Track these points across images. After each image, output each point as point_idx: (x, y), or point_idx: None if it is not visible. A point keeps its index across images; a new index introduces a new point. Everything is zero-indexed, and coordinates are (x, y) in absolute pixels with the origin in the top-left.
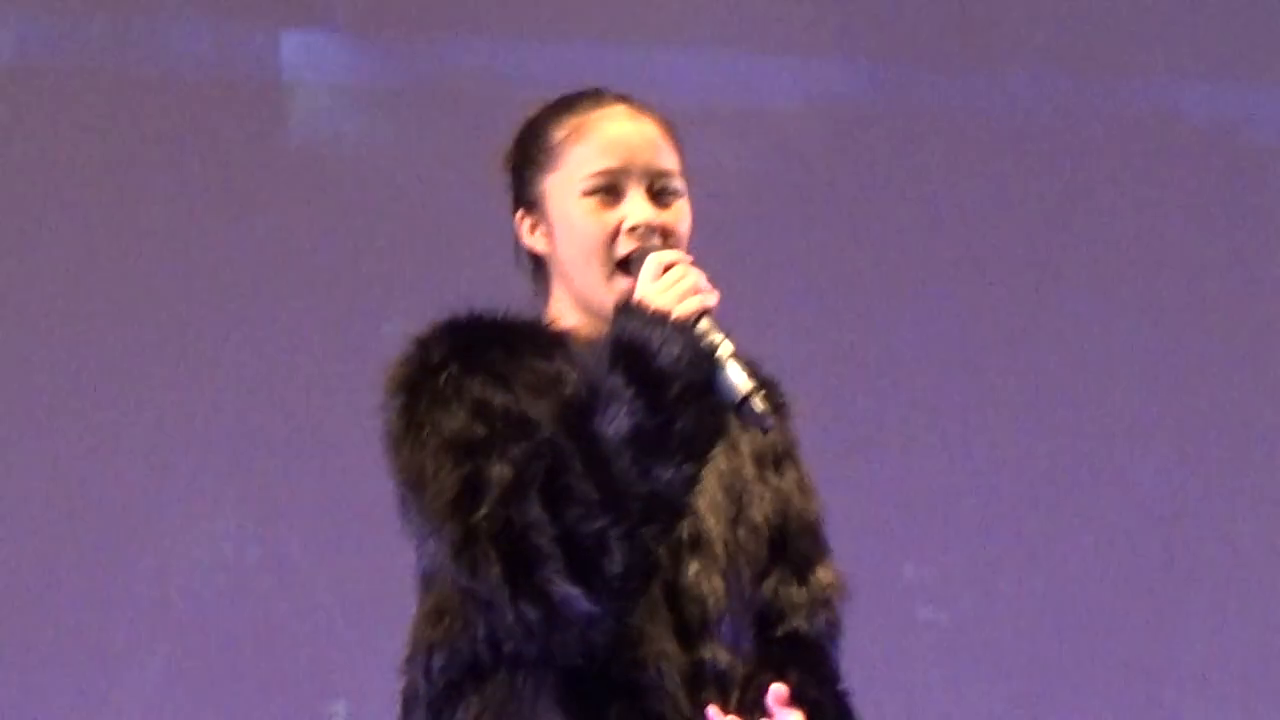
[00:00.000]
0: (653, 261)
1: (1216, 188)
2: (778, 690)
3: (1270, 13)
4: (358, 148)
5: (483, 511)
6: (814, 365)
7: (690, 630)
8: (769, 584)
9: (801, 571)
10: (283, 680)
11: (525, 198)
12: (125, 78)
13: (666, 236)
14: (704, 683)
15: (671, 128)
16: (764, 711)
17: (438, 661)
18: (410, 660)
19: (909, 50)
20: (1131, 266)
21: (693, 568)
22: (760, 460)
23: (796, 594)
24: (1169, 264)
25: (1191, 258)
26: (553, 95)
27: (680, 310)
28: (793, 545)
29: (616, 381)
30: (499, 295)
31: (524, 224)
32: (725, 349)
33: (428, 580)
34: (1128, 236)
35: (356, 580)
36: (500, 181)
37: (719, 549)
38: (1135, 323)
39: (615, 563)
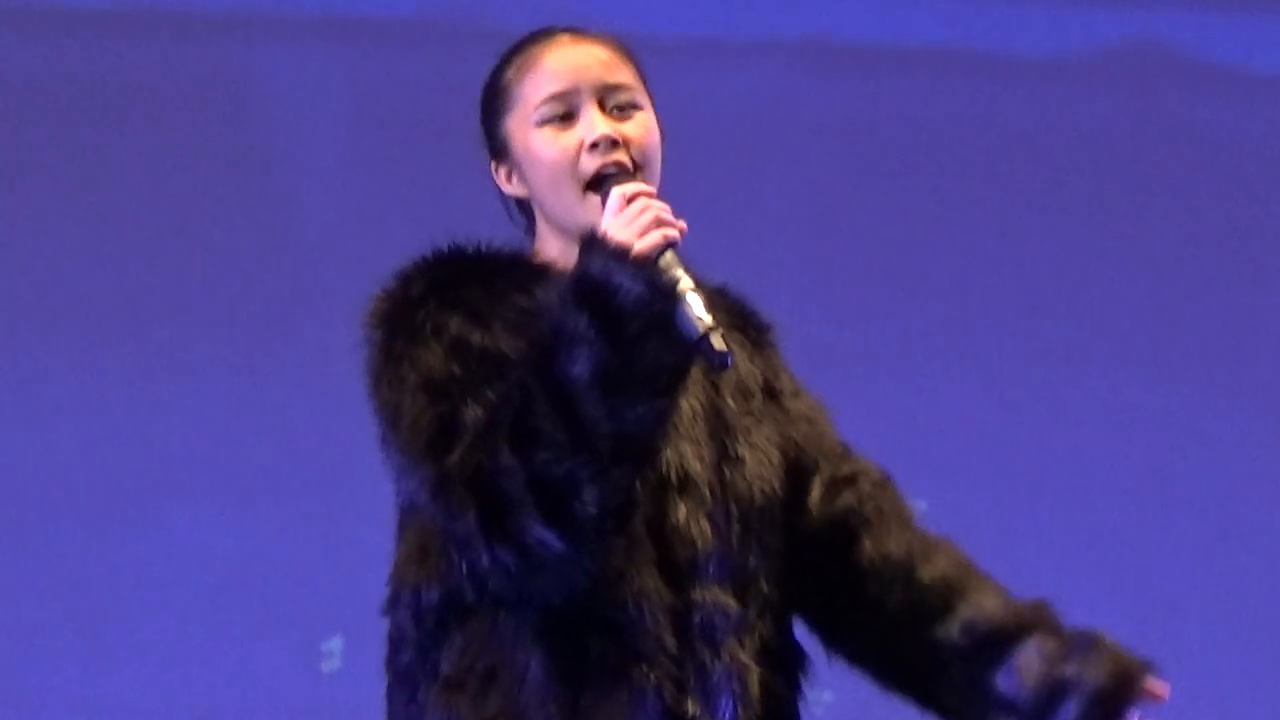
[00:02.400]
0: (616, 194)
1: None
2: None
3: None
4: None
5: (457, 456)
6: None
7: (680, 571)
8: (813, 499)
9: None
10: (278, 618)
11: (494, 147)
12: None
13: (628, 146)
14: (695, 623)
15: (624, 48)
16: (782, 660)
17: (424, 600)
18: (394, 600)
19: None
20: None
21: (681, 509)
22: (745, 394)
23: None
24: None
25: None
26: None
27: (641, 245)
28: (809, 462)
29: (579, 321)
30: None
31: (500, 174)
32: (686, 284)
33: (407, 515)
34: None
35: (350, 516)
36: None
37: (705, 490)
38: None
39: (587, 504)
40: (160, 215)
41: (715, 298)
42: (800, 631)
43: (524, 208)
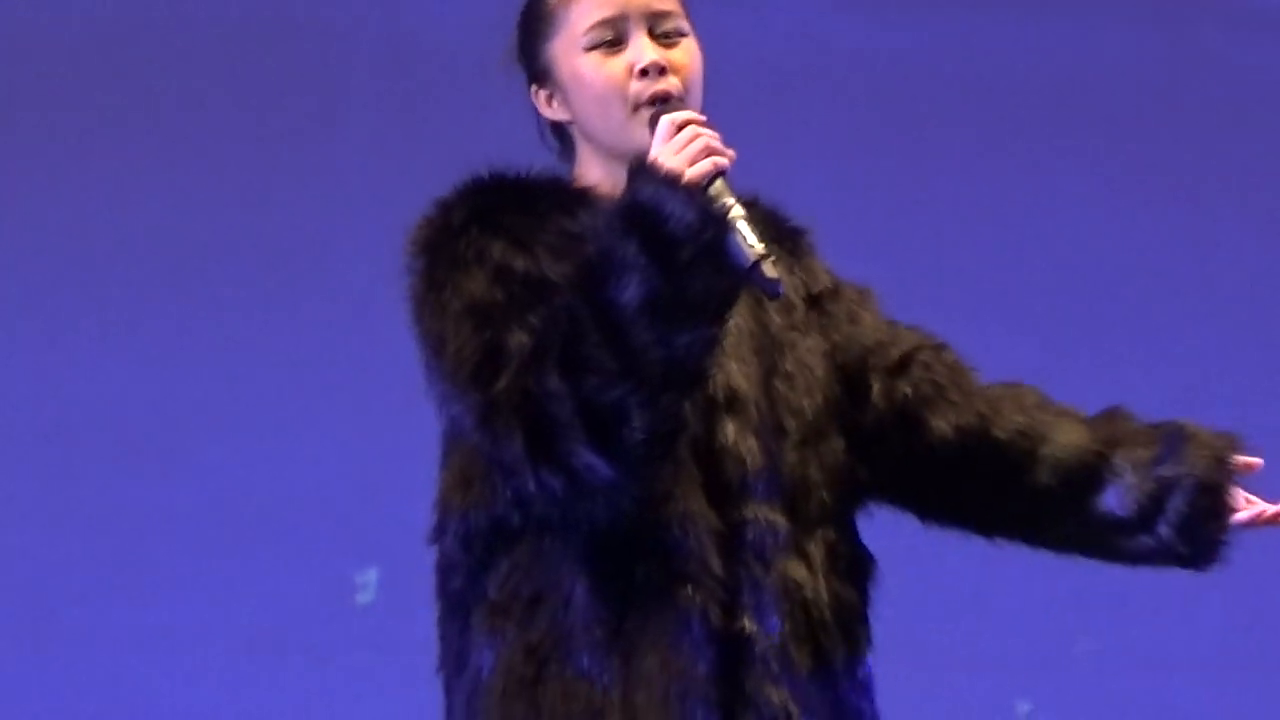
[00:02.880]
0: (665, 122)
1: None
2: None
3: None
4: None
5: (503, 382)
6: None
7: (729, 490)
8: (875, 396)
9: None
10: (313, 551)
11: (535, 71)
12: None
13: (676, 73)
14: (743, 542)
15: None
16: (844, 568)
17: (471, 527)
18: (441, 527)
19: None
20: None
21: (730, 428)
22: (788, 308)
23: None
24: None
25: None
26: None
27: (693, 172)
28: (857, 362)
29: (629, 248)
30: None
31: (539, 97)
32: (737, 212)
33: (451, 443)
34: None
35: (383, 450)
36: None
37: (753, 409)
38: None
39: (636, 430)
40: (193, 153)
41: (750, 210)
42: (868, 536)
43: (561, 133)
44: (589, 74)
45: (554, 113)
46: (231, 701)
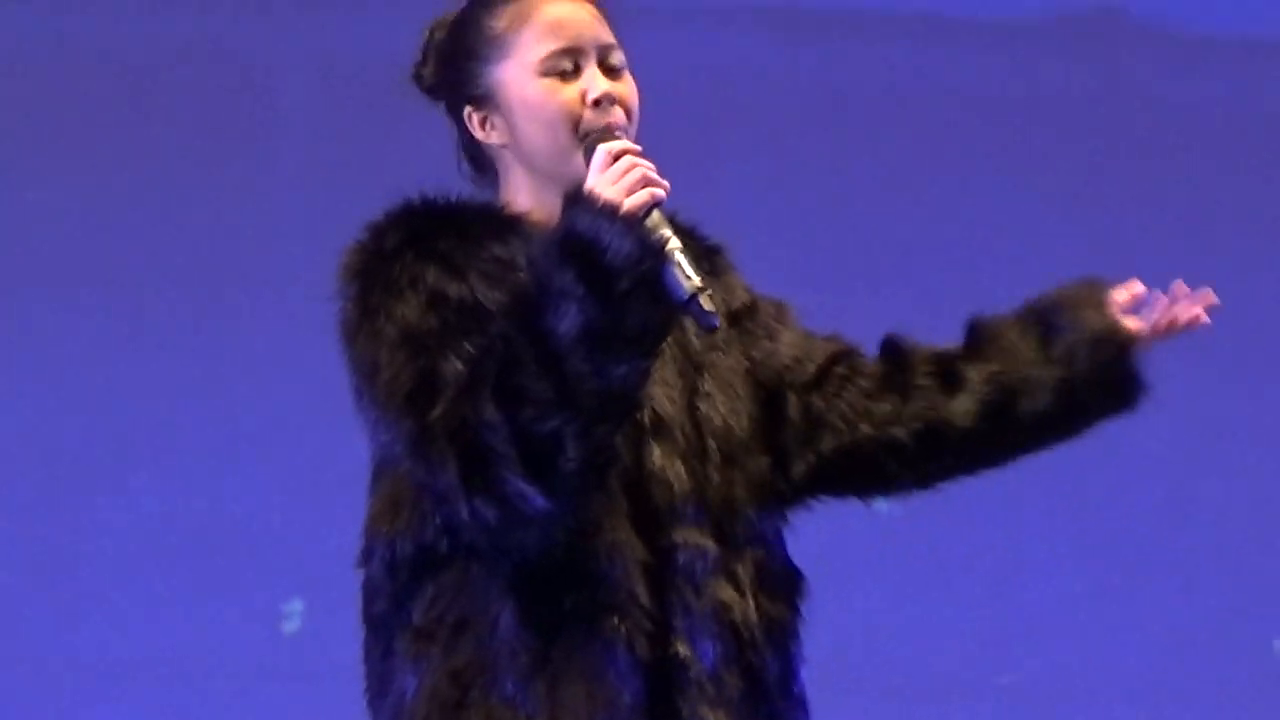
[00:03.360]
0: (602, 151)
1: None
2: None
3: None
4: None
5: (438, 410)
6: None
7: (657, 516)
8: (791, 414)
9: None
10: (240, 580)
11: (470, 94)
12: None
13: (623, 105)
14: (674, 568)
15: (605, 7)
16: (772, 587)
17: (397, 553)
18: (368, 552)
19: None
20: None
21: (656, 453)
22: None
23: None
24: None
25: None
26: None
27: (630, 203)
28: (774, 379)
29: (566, 277)
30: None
31: (474, 120)
32: (674, 244)
33: (381, 468)
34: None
35: (309, 481)
36: (413, 95)
37: (678, 432)
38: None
39: (570, 460)
40: (122, 180)
41: (670, 226)
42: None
43: (483, 158)
44: (541, 99)
45: (487, 136)
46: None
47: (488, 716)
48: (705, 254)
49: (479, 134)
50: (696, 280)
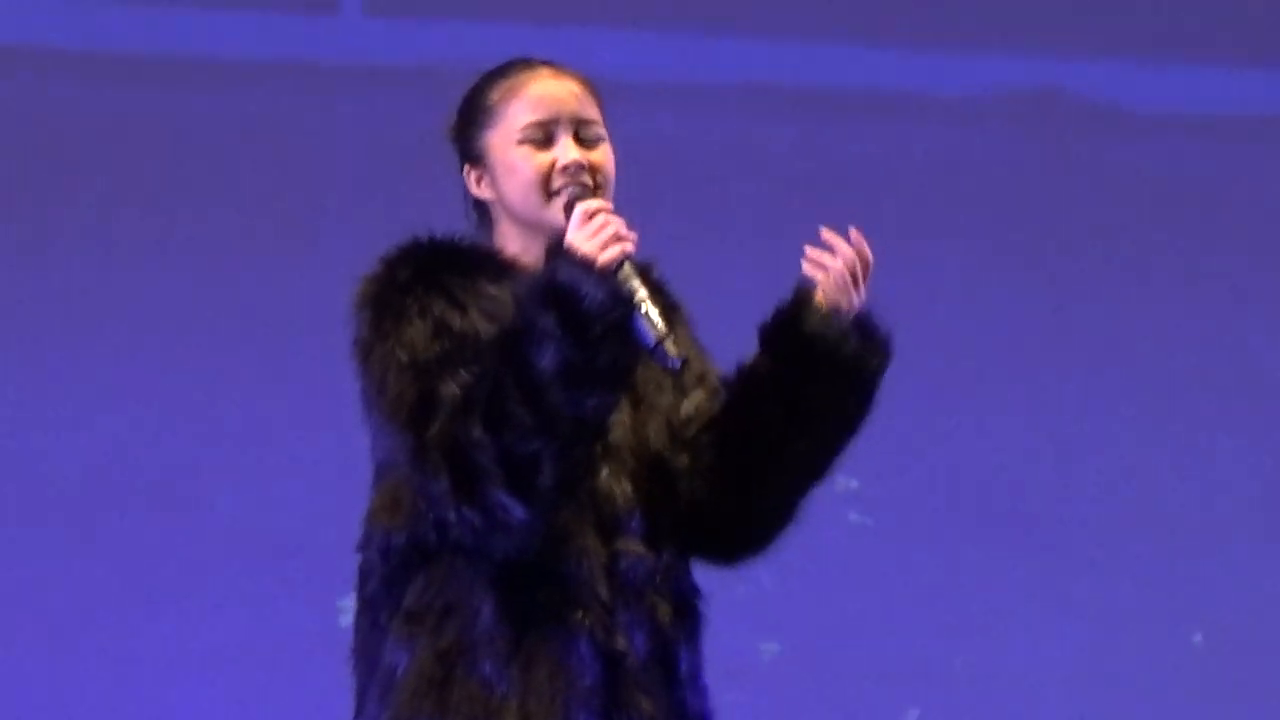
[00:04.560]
0: (579, 210)
1: None
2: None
3: None
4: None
5: (435, 429)
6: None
7: (605, 526)
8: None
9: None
10: (300, 580)
11: (469, 154)
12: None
13: (594, 172)
14: (618, 571)
15: (592, 85)
16: (685, 596)
17: (393, 543)
18: (367, 540)
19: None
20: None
21: (604, 471)
22: (662, 373)
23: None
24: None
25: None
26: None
27: (604, 257)
28: (674, 430)
29: (548, 321)
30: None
31: (471, 177)
32: (642, 294)
33: (383, 469)
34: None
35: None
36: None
37: (626, 453)
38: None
39: (546, 477)
40: (193, 238)
41: (645, 276)
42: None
43: (483, 209)
44: (519, 164)
45: (481, 191)
46: (237, 712)
47: (468, 693)
48: (668, 305)
49: (474, 189)
50: (662, 328)
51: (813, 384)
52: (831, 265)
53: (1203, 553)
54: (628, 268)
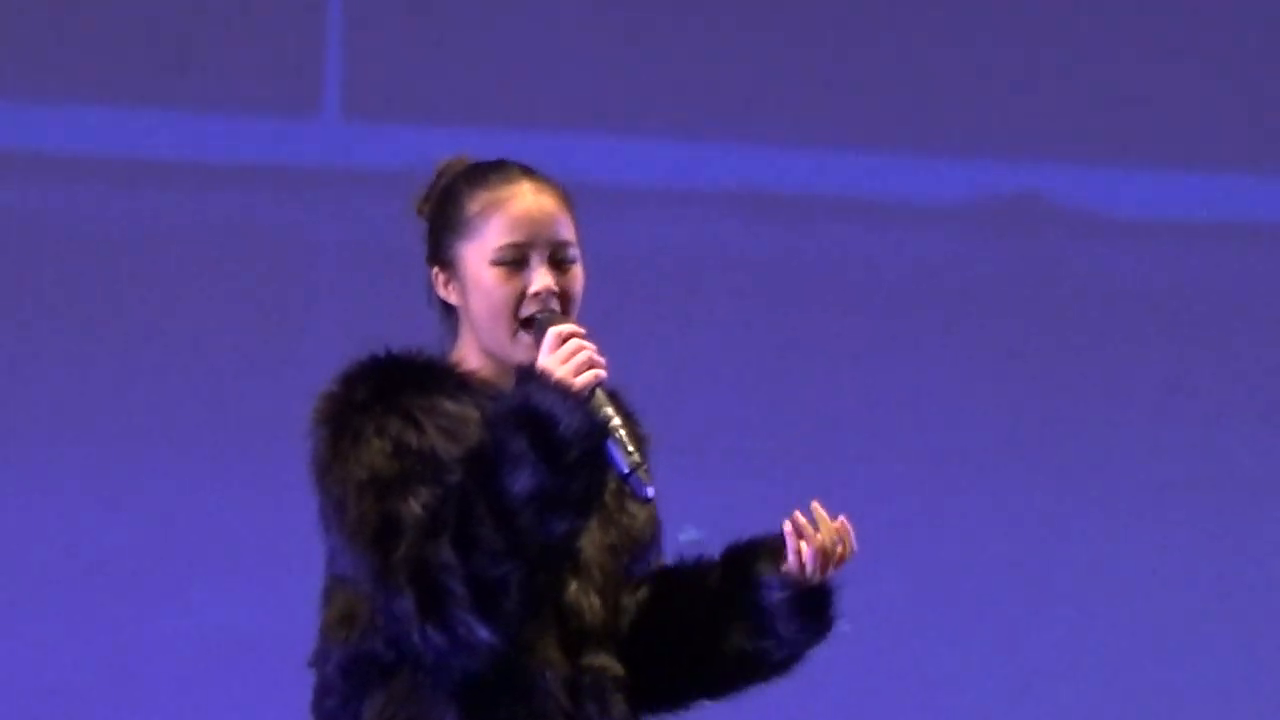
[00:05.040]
0: (552, 334)
1: None
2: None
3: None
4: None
5: (400, 551)
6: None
7: (572, 641)
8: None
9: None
10: (291, 680)
11: (441, 257)
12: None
13: (563, 298)
14: (585, 686)
15: (569, 200)
16: (645, 708)
17: (348, 661)
18: (324, 655)
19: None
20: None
21: (572, 586)
22: (620, 492)
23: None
24: None
25: None
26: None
27: (579, 382)
28: (634, 563)
29: (521, 445)
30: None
31: (439, 279)
32: (615, 422)
33: (335, 582)
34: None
35: None
36: (415, 224)
37: (595, 570)
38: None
39: (513, 600)
40: (172, 339)
41: (613, 400)
42: None
43: (448, 309)
44: (489, 286)
45: (447, 295)
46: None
47: None
48: (634, 439)
49: (440, 291)
50: (636, 456)
51: (746, 622)
52: (810, 538)
53: (1175, 651)
54: (600, 394)
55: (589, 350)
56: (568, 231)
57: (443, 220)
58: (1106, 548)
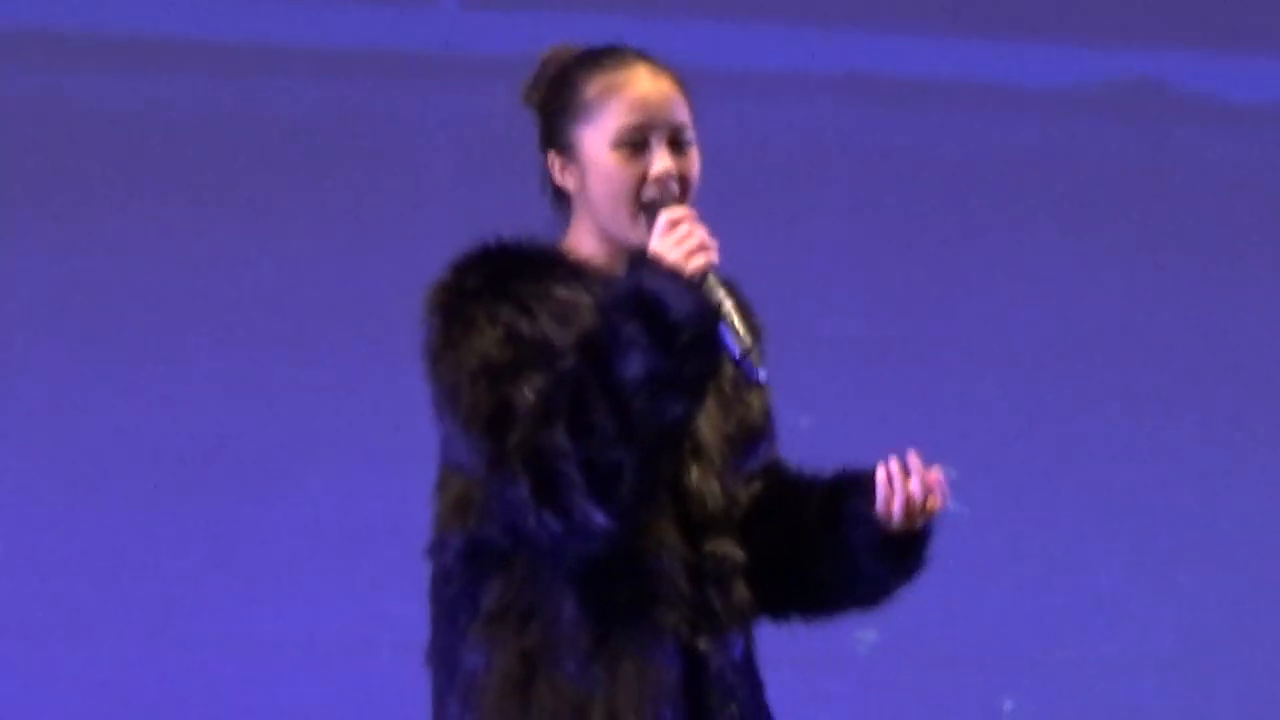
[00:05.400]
0: (664, 218)
1: None
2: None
3: None
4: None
5: (515, 437)
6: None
7: (695, 526)
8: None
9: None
10: (401, 566)
11: (557, 142)
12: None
13: (682, 180)
14: (707, 571)
15: (683, 84)
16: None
17: (465, 548)
18: (440, 544)
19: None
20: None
21: (695, 472)
22: (736, 380)
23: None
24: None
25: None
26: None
27: (690, 266)
28: (750, 452)
29: (634, 330)
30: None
31: (555, 164)
32: (727, 306)
33: (450, 471)
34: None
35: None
36: (526, 114)
37: (714, 455)
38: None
39: (628, 486)
40: (288, 226)
41: (729, 290)
42: None
43: (562, 196)
44: (610, 170)
45: (565, 181)
46: (323, 696)
47: (553, 692)
48: (750, 329)
49: (557, 177)
50: (747, 340)
51: (835, 557)
52: (899, 488)
53: None
54: (712, 278)
55: (700, 234)
56: (684, 114)
57: (558, 105)
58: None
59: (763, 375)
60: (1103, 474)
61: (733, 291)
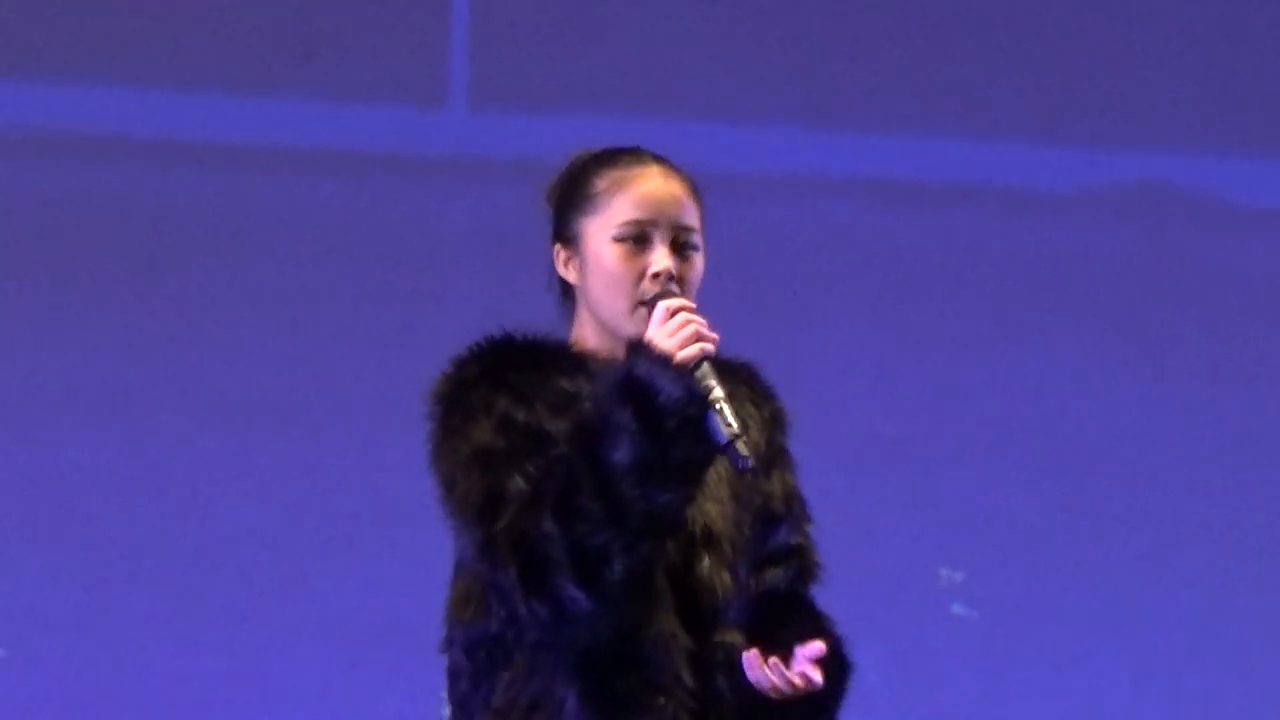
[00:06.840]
0: (662, 307)
1: None
2: (811, 650)
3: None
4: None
5: (503, 522)
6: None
7: (703, 617)
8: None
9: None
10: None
11: (564, 234)
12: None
13: (681, 283)
14: (719, 661)
15: (696, 190)
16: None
17: (470, 642)
18: (450, 639)
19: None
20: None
21: (705, 562)
22: (755, 466)
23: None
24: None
25: None
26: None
27: (682, 355)
28: (768, 536)
29: (624, 416)
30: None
31: (560, 256)
32: (718, 393)
33: (459, 567)
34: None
35: None
36: (543, 211)
37: (726, 545)
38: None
39: (616, 571)
40: (301, 325)
41: (741, 372)
42: None
43: (567, 290)
44: (610, 263)
45: (567, 274)
46: (367, 687)
47: None
48: (770, 410)
49: (561, 269)
50: (735, 427)
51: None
52: (761, 679)
53: None
54: (706, 367)
55: (697, 323)
56: (692, 218)
57: (568, 199)
58: (1221, 525)
59: (750, 462)
60: (1110, 576)
61: (752, 374)
